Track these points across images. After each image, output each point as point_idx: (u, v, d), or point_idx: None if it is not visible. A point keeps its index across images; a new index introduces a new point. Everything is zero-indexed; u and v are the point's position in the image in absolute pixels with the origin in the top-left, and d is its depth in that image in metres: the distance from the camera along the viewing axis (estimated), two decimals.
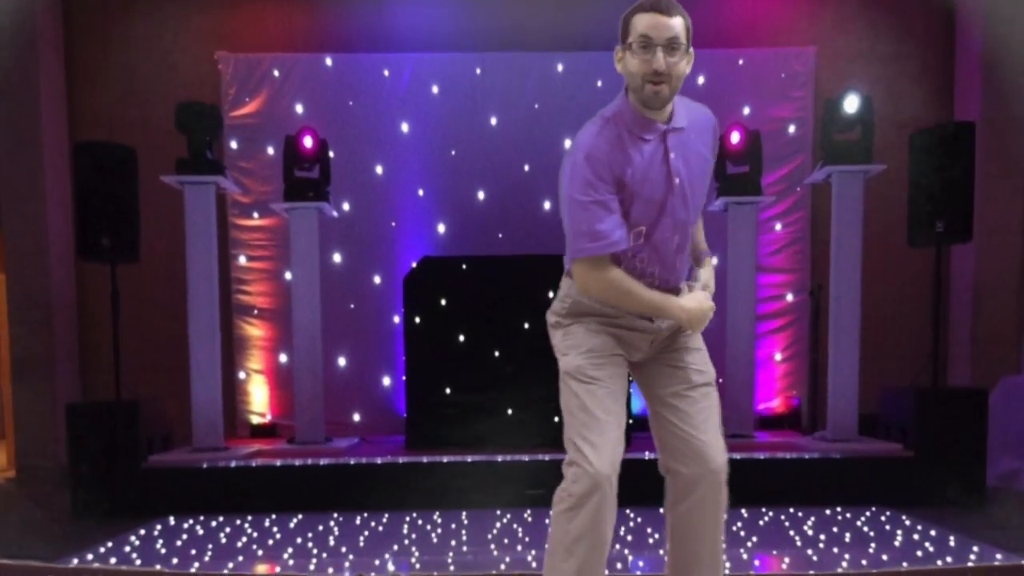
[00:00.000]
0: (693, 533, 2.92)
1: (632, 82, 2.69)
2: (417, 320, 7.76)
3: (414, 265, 8.00)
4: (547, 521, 6.21)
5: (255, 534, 6.02)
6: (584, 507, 2.71)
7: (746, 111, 9.01)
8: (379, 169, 9.11)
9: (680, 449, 2.88)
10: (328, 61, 9.08)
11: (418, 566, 5.09)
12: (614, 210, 2.71)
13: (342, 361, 9.09)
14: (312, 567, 5.12)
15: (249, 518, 6.52)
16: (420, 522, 6.31)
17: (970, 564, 4.63)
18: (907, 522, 6.08)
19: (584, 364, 2.85)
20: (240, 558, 5.37)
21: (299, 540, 5.80)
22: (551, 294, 3.16)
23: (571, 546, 2.79)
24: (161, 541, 5.82)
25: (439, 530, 6.04)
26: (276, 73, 9.05)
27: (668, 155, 2.74)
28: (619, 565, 5.00)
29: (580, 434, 2.77)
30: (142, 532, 6.10)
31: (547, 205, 8.94)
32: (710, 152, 2.91)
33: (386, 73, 9.08)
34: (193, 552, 5.50)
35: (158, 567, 4.99)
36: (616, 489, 2.79)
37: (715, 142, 2.95)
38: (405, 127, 9.11)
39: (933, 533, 5.71)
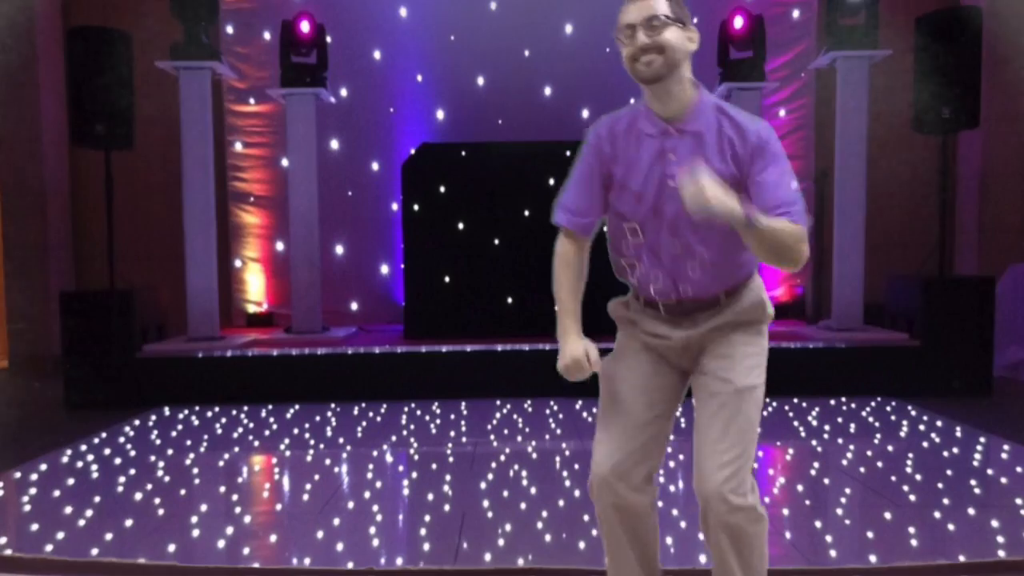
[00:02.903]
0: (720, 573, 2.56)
1: (628, 70, 2.53)
2: (416, 207, 7.62)
3: (413, 152, 7.82)
4: (547, 412, 6.18)
5: (251, 424, 5.98)
6: (595, 502, 2.68)
7: None
8: (377, 54, 8.85)
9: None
10: None
11: (416, 457, 5.06)
12: (593, 190, 2.66)
13: (340, 249, 8.97)
14: (309, 458, 5.08)
15: (245, 408, 6.49)
16: (419, 412, 6.27)
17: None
18: (913, 412, 6.03)
19: (607, 363, 2.71)
20: (236, 449, 5.33)
21: (296, 431, 5.76)
22: (552, 181, 3.05)
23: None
24: (156, 432, 5.78)
25: (438, 420, 6.00)
26: None
27: (665, 155, 2.55)
28: None
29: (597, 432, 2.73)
30: (136, 423, 6.06)
31: (547, 91, 8.71)
32: (728, 164, 2.56)
33: None
34: (188, 443, 5.46)
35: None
36: (635, 487, 2.59)
37: (743, 153, 2.57)
38: (403, 11, 8.82)
39: (939, 424, 5.65)
